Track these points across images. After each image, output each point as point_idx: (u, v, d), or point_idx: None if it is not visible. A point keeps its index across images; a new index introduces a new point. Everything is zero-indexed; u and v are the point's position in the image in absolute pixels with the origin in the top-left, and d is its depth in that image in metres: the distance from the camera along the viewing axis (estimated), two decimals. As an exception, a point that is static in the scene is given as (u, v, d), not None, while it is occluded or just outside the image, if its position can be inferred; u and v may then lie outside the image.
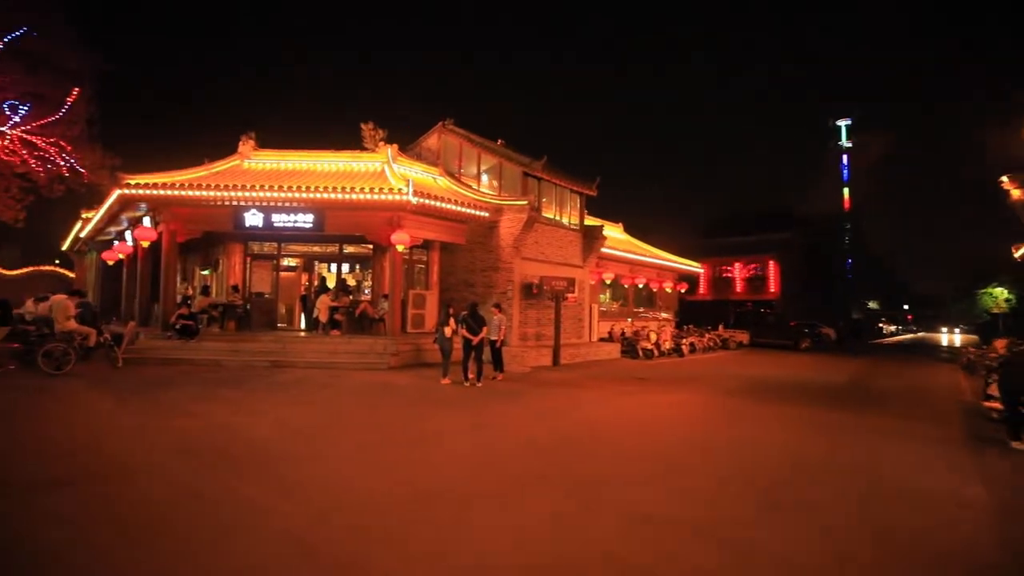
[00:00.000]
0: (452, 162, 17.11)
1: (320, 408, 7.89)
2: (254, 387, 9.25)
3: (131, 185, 12.17)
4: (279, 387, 9.36)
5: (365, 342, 12.57)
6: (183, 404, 7.67)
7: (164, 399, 8.04)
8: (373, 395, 9.10)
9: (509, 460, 5.50)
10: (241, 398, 8.28)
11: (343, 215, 13.08)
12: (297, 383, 9.80)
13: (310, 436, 6.19)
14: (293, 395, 8.76)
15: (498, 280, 14.70)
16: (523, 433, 6.80)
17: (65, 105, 24.45)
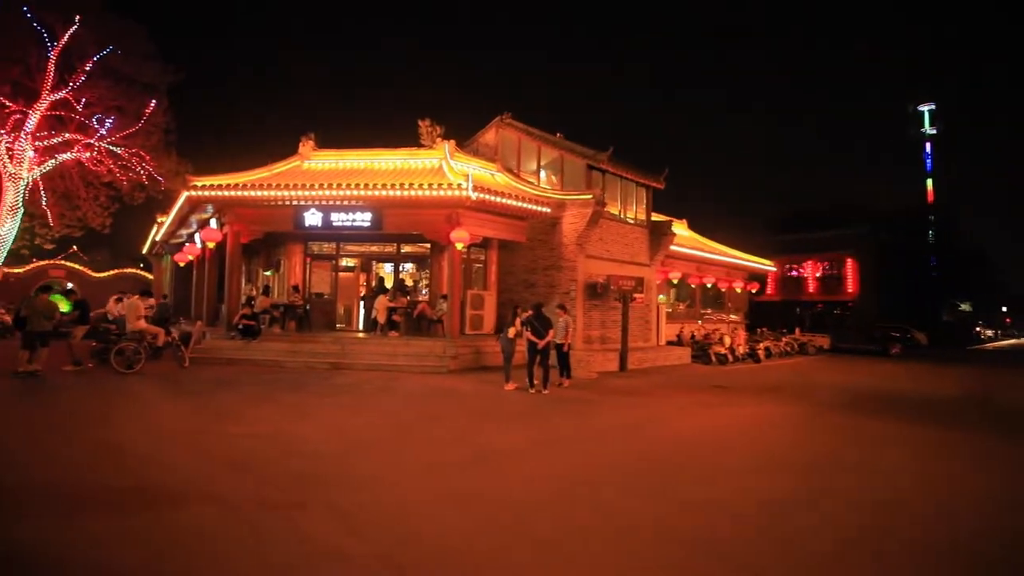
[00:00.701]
0: (510, 158, 16.46)
1: (380, 416, 7.39)
2: (313, 391, 8.92)
3: (197, 187, 12.30)
4: (338, 391, 8.98)
5: (424, 344, 12.11)
6: (242, 409, 7.37)
7: (224, 402, 7.80)
8: (434, 402, 8.54)
9: (600, 495, 4.70)
10: (300, 403, 7.92)
11: (401, 213, 12.70)
12: (356, 387, 9.42)
13: (372, 450, 5.64)
14: (352, 400, 8.34)
15: (560, 279, 13.90)
16: (606, 454, 5.97)
17: (144, 116, 25.89)
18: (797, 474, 5.36)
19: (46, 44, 23.63)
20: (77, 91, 24.45)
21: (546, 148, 15.49)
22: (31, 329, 9.59)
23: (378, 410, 7.78)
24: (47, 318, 9.75)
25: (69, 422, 6.44)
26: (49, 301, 9.96)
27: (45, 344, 9.77)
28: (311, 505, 4.00)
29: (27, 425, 6.25)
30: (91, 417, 6.73)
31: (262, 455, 5.27)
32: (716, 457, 5.97)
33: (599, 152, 13.79)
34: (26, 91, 24.44)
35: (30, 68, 24.18)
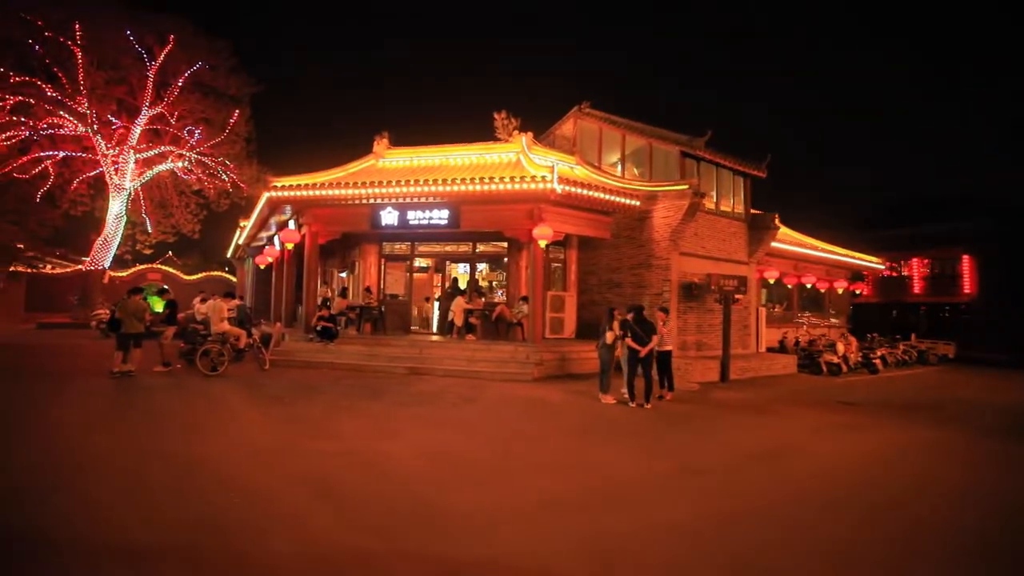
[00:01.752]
0: (589, 150, 15.38)
1: (471, 433, 6.58)
2: (395, 399, 8.30)
3: (277, 188, 12.19)
4: (421, 400, 8.31)
5: (505, 349, 11.30)
6: (325, 420, 6.82)
7: (307, 411, 7.30)
8: (526, 416, 7.65)
9: (788, 563, 3.58)
10: (384, 414, 7.28)
11: (479, 210, 11.98)
12: (438, 396, 8.71)
13: (470, 477, 4.80)
14: (438, 413, 7.61)
15: (651, 279, 12.65)
16: (754, 494, 4.80)
17: (229, 127, 27.12)
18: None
19: (145, 64, 25.28)
20: (171, 106, 25.98)
21: (631, 136, 14.27)
22: (124, 331, 9.68)
23: (467, 425, 6.98)
24: (139, 319, 9.83)
25: (152, 432, 6.10)
26: (140, 302, 10.04)
27: (138, 345, 9.85)
28: (412, 557, 3.18)
29: (110, 434, 5.96)
30: (174, 427, 6.38)
31: (350, 480, 4.57)
32: (904, 506, 4.63)
33: (695, 137, 12.41)
34: (129, 108, 26.28)
35: (132, 87, 25.96)
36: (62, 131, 24.50)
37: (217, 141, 26.68)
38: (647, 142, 13.72)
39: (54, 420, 6.41)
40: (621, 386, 8.87)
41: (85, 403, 7.47)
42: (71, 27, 23.14)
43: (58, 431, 5.92)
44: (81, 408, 7.13)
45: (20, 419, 6.41)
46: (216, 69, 26.66)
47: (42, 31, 22.70)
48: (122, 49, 24.57)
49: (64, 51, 23.47)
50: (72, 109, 23.99)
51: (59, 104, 23.69)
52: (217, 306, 10.75)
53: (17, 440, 5.51)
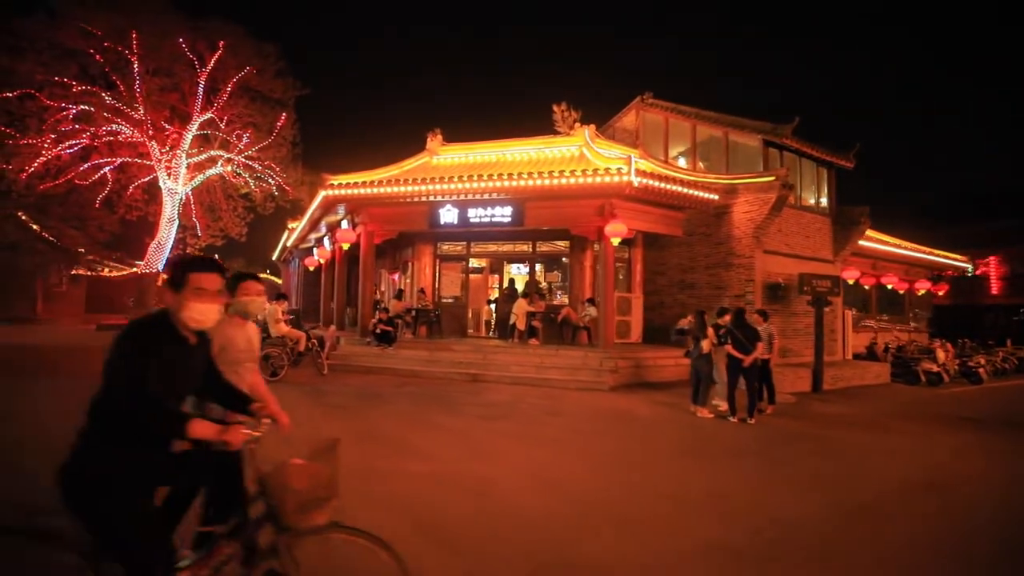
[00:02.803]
0: (653, 142, 14.45)
1: (572, 453, 5.80)
2: (470, 411, 7.62)
3: (334, 186, 11.76)
4: (499, 412, 7.61)
5: (574, 355, 10.51)
6: (404, 435, 6.18)
7: (381, 424, 6.70)
8: (623, 433, 6.85)
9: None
10: (465, 429, 6.61)
11: (545, 206, 11.25)
12: (515, 407, 8.00)
13: (598, 514, 4.03)
14: (523, 426, 6.88)
15: (731, 279, 11.62)
16: (952, 535, 3.86)
17: (276, 130, 27.33)
18: None
19: (196, 70, 25.72)
20: (220, 110, 26.36)
21: (703, 126, 13.26)
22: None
23: (561, 443, 6.22)
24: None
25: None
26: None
27: None
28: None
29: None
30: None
31: (456, 514, 3.87)
32: None
33: (780, 124, 11.32)
34: (181, 115, 26.81)
35: (184, 94, 26.47)
36: (119, 138, 25.14)
37: (264, 145, 26.92)
38: (722, 132, 12.68)
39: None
40: (711, 397, 7.95)
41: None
42: (128, 36, 23.68)
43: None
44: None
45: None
46: (263, 73, 26.89)
47: (102, 40, 23.32)
48: (175, 56, 25.04)
49: (122, 60, 24.07)
50: (129, 116, 24.58)
51: (117, 112, 24.30)
52: (272, 309, 10.33)
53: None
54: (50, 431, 2.90)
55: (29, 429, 5.65)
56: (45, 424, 5.23)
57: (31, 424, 5.97)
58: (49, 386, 8.51)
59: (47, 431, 3.41)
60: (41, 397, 7.56)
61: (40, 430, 5.08)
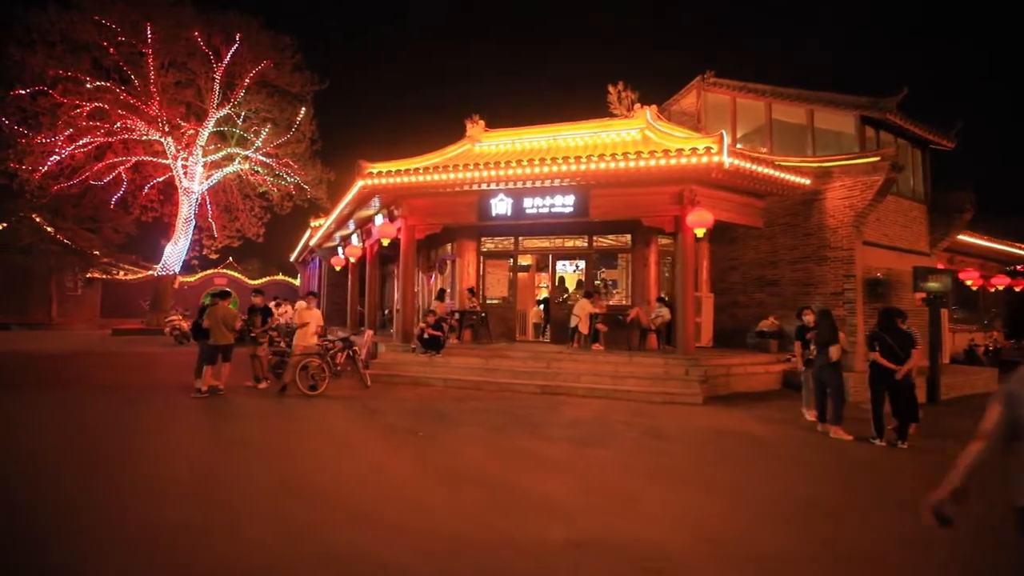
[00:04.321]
0: (718, 124, 13.06)
1: (715, 491, 4.49)
2: (555, 431, 6.35)
3: (372, 174, 10.54)
4: (590, 433, 6.32)
5: (653, 362, 9.19)
6: (493, 467, 4.91)
7: (458, 451, 5.43)
8: (754, 460, 5.53)
9: None
10: (562, 458, 5.32)
11: (612, 194, 9.95)
12: (604, 426, 6.70)
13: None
14: (630, 454, 5.58)
15: (824, 274, 10.23)
16: None
17: (295, 125, 26.28)
18: None
19: (212, 65, 24.75)
20: (237, 106, 25.38)
21: (781, 105, 11.85)
22: (213, 342, 8.21)
23: (693, 479, 4.91)
24: (229, 329, 8.34)
25: (271, 486, 4.35)
26: (229, 309, 8.56)
27: (227, 359, 8.37)
28: None
29: (211, 482, 4.25)
30: (301, 479, 4.62)
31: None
32: None
33: (881, 98, 9.90)
34: (197, 112, 25.86)
35: (200, 89, 25.51)
36: (133, 136, 24.23)
37: (282, 141, 25.91)
38: (806, 110, 11.27)
39: (139, 471, 4.77)
40: (793, 409, 6.60)
41: (174, 433, 5.89)
42: (143, 29, 22.75)
43: (143, 487, 4.24)
44: (171, 441, 5.54)
45: (88, 467, 4.82)
46: (280, 67, 25.85)
47: (116, 34, 22.39)
48: (190, 51, 24.11)
49: (135, 54, 23.15)
50: (144, 113, 23.66)
51: (132, 108, 23.38)
52: (314, 314, 9.14)
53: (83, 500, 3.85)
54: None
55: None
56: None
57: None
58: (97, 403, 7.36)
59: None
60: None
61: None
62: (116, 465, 4.79)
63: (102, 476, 4.49)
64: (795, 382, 9.64)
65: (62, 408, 7.18)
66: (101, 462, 4.88)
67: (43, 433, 5.96)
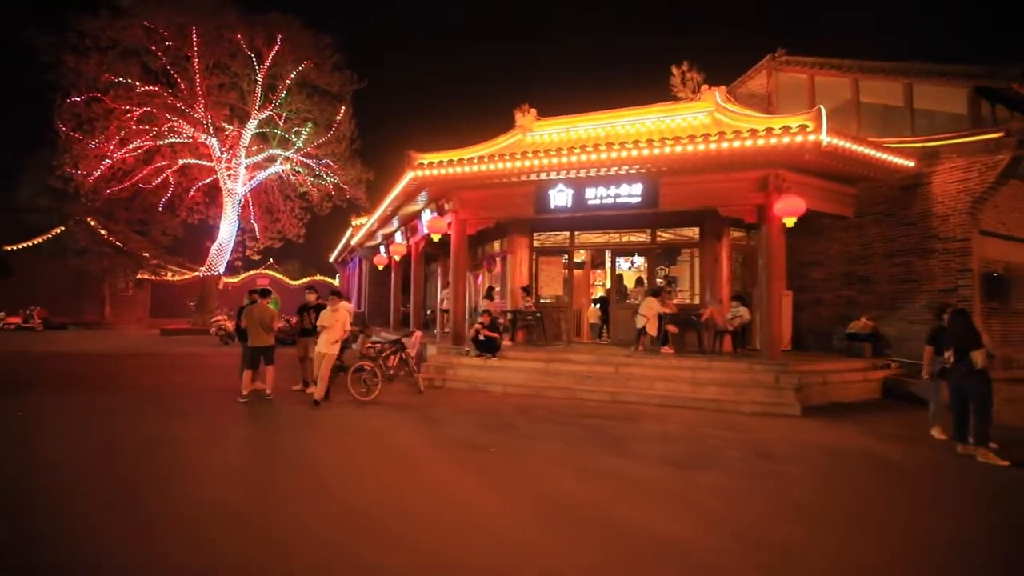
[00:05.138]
0: (792, 106, 11.91)
1: (876, 535, 3.59)
2: (642, 448, 5.52)
3: (423, 165, 9.92)
4: (684, 452, 5.46)
5: (736, 368, 8.22)
6: (586, 498, 4.12)
7: (543, 475, 4.67)
8: (896, 490, 4.57)
9: None
10: (664, 484, 4.49)
11: (684, 183, 9.03)
12: (698, 443, 5.82)
13: None
14: (741, 480, 4.69)
15: (931, 269, 9.02)
16: None
17: (335, 124, 26.19)
18: None
19: (255, 67, 24.89)
20: (278, 107, 25.48)
21: (869, 80, 10.63)
22: (251, 344, 7.70)
23: (836, 517, 4.00)
24: (266, 329, 7.78)
25: (331, 516, 3.69)
26: (267, 308, 8.00)
27: (269, 361, 7.83)
28: None
29: (262, 508, 3.62)
30: (353, 507, 3.95)
31: None
32: None
33: (1000, 66, 8.62)
34: (239, 113, 26.09)
35: (243, 91, 25.74)
36: (180, 139, 24.61)
37: (322, 141, 25.86)
38: (902, 85, 10.02)
39: (177, 493, 4.20)
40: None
41: (218, 446, 5.34)
42: (188, 32, 23.03)
43: (181, 516, 3.64)
44: (215, 456, 4.98)
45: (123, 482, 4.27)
46: (320, 66, 25.80)
47: (163, 38, 22.73)
48: (233, 53, 24.30)
49: (181, 57, 23.47)
50: (190, 115, 23.98)
51: (178, 111, 23.71)
52: (339, 316, 8.31)
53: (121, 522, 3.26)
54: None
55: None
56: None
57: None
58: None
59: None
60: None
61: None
62: (154, 487, 4.24)
63: (137, 500, 3.93)
64: (898, 391, 8.52)
65: (106, 414, 6.79)
66: (138, 482, 4.34)
67: (82, 443, 5.52)
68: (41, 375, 10.21)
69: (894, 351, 9.35)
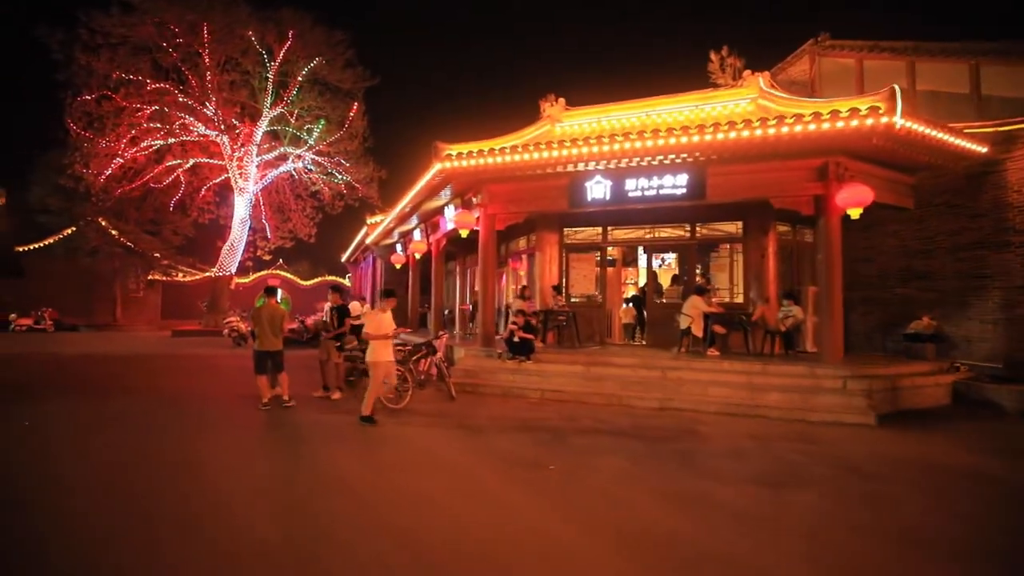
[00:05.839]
0: (836, 92, 11.23)
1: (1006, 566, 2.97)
2: (717, 465, 4.90)
3: (451, 156, 9.35)
4: (764, 469, 4.84)
5: (794, 372, 7.59)
6: (690, 531, 3.51)
7: (614, 501, 4.07)
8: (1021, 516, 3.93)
9: None
10: (769, 514, 3.87)
11: (735, 171, 8.40)
12: (776, 459, 5.20)
13: None
14: (851, 507, 4.06)
15: (1007, 264, 8.32)
16: None
17: (348, 122, 25.69)
18: None
19: (266, 64, 24.47)
20: (290, 104, 25.04)
21: (928, 63, 9.92)
22: (257, 348, 7.15)
23: (983, 552, 3.38)
24: (275, 332, 7.16)
25: (376, 547, 3.11)
26: (277, 308, 7.38)
27: (278, 368, 7.22)
28: None
29: (296, 561, 3.05)
30: (409, 540, 3.37)
31: None
32: None
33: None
34: (251, 111, 25.68)
35: (254, 89, 25.32)
36: (191, 137, 24.23)
37: (334, 139, 25.38)
38: (968, 66, 9.32)
39: (206, 529, 3.64)
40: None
41: (246, 464, 4.78)
42: (200, 29, 22.63)
43: (213, 558, 3.08)
44: (244, 477, 4.42)
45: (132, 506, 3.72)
46: (332, 63, 25.32)
47: (174, 35, 22.35)
48: (245, 50, 23.90)
49: (192, 54, 23.09)
50: (201, 113, 23.59)
51: (189, 109, 23.33)
52: (386, 319, 7.76)
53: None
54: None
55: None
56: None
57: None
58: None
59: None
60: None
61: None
62: (179, 519, 3.68)
63: (158, 540, 3.37)
64: (970, 397, 7.85)
65: (120, 425, 6.27)
66: (159, 510, 3.78)
67: (93, 461, 4.98)
68: (52, 379, 9.75)
69: (960, 352, 8.67)
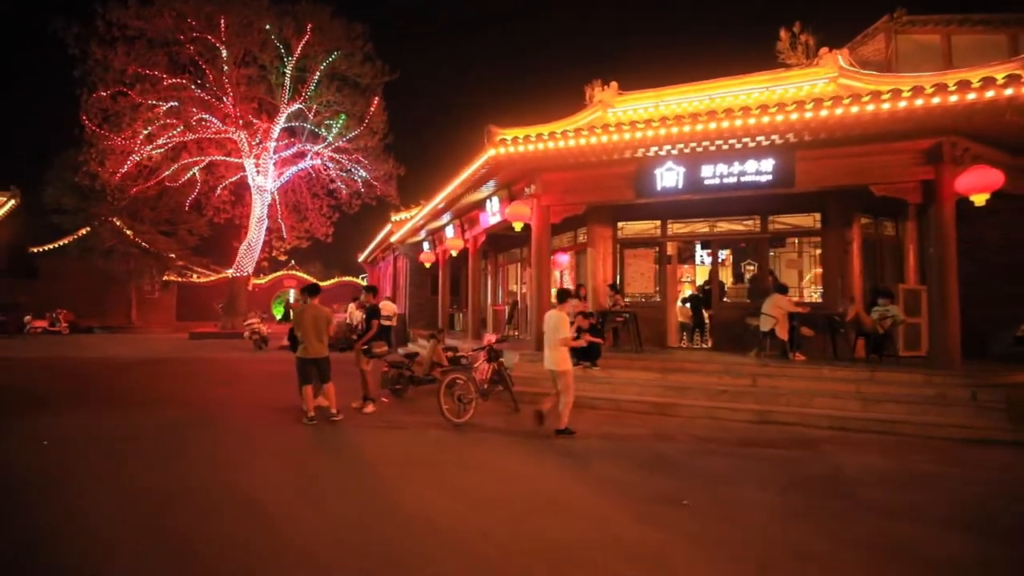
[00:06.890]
0: (917, 71, 10.31)
1: None
2: (883, 497, 4.03)
3: (506, 142, 8.51)
4: (939, 500, 3.97)
5: (907, 379, 6.69)
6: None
7: (793, 551, 3.21)
8: None
9: None
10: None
11: (828, 155, 7.52)
12: (932, 483, 4.32)
13: None
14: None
15: None
16: None
17: (367, 117, 24.95)
18: None
19: (284, 59, 23.82)
20: (308, 99, 24.35)
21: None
22: (302, 355, 6.34)
23: None
24: (318, 336, 6.37)
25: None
26: (321, 309, 6.55)
27: (325, 378, 6.44)
28: None
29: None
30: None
31: None
32: None
33: None
34: (268, 107, 25.02)
35: (271, 85, 24.66)
36: (208, 134, 23.61)
37: (353, 135, 24.65)
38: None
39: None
40: None
41: (303, 496, 3.94)
42: (217, 22, 22.00)
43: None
44: (304, 514, 3.58)
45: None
46: (351, 57, 24.59)
47: (191, 28, 21.74)
48: (262, 44, 23.25)
49: (209, 48, 22.47)
50: (217, 109, 22.97)
51: (206, 105, 22.72)
52: (565, 321, 6.68)
53: None
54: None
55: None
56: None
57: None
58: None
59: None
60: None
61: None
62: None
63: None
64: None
65: (148, 446, 5.47)
66: (218, 570, 2.97)
67: (122, 495, 4.18)
68: (70, 388, 9.01)
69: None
